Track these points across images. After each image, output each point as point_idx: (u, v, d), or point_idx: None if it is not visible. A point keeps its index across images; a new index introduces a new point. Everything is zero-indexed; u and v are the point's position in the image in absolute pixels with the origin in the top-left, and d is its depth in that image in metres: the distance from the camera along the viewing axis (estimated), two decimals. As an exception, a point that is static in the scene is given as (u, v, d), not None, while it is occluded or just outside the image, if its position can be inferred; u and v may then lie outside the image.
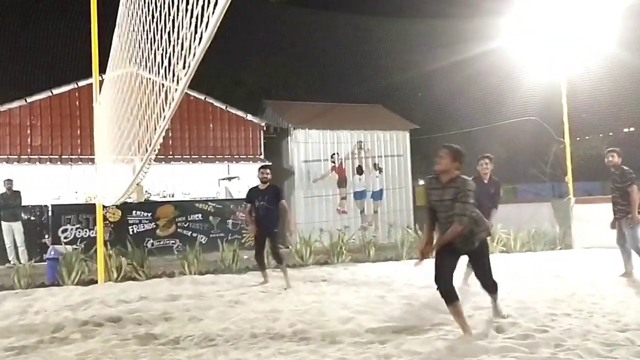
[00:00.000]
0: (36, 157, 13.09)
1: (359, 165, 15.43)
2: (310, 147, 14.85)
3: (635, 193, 7.26)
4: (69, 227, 12.24)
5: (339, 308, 6.14)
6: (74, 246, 10.00)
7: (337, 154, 15.17)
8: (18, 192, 11.66)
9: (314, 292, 7.35)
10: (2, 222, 11.58)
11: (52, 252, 9.13)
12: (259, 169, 8.52)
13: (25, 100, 13.31)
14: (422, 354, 4.27)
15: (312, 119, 15.45)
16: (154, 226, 12.93)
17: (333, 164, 15.11)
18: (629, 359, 3.99)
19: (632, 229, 7.31)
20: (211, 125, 14.67)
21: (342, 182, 15.20)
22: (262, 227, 8.07)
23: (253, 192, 8.28)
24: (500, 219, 12.37)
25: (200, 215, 13.34)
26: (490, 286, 5.23)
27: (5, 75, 19.09)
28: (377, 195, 15.53)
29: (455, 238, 4.74)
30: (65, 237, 12.08)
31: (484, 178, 7.36)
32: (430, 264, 5.03)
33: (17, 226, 11.60)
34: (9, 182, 11.61)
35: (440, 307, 5.88)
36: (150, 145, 4.21)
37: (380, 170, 15.60)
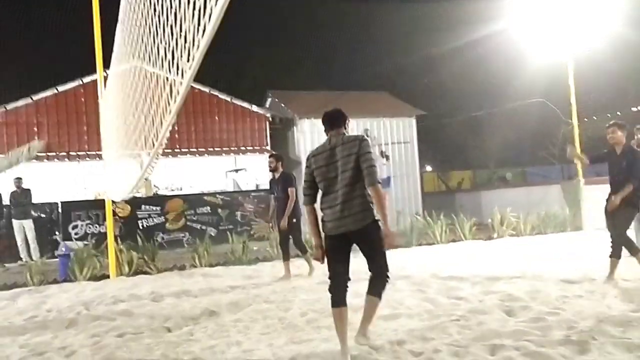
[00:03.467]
0: (44, 154, 13.15)
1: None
2: (316, 136, 14.81)
3: None
4: (79, 223, 12.32)
5: (351, 297, 6.14)
6: (85, 242, 10.08)
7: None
8: (28, 190, 11.74)
9: (324, 281, 7.35)
10: (13, 220, 11.67)
11: (64, 249, 9.20)
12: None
13: (31, 99, 13.36)
14: (435, 339, 4.28)
15: (318, 108, 15.36)
16: (164, 220, 12.99)
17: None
18: (643, 339, 3.97)
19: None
20: (217, 118, 14.67)
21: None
22: (280, 218, 7.90)
23: (271, 183, 8.26)
24: (510, 202, 12.36)
25: (208, 207, 13.38)
26: None
27: (10, 74, 19.17)
28: (385, 183, 15.48)
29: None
30: (75, 234, 12.16)
31: (616, 149, 6.59)
32: (442, 249, 5.05)
33: (28, 224, 11.68)
34: (18, 180, 11.68)
35: (451, 293, 5.91)
36: (157, 139, 4.21)
37: (388, 157, 15.54)
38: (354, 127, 15.26)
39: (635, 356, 3.66)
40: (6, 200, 11.79)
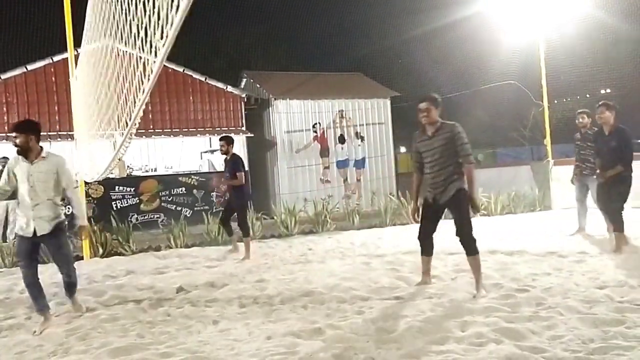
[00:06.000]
0: (14, 134, 12.80)
1: (341, 134, 15.42)
2: (291, 117, 14.78)
3: None
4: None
5: (325, 275, 6.23)
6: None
7: (319, 123, 15.12)
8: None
9: (300, 261, 7.43)
10: None
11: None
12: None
13: (0, 78, 13.02)
14: (407, 317, 4.37)
15: (293, 88, 15.33)
16: (138, 201, 12.87)
17: (315, 134, 15.09)
18: (609, 315, 4.12)
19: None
20: (191, 98, 14.49)
21: (324, 152, 15.19)
22: (229, 199, 8.44)
23: (224, 165, 8.48)
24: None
25: (183, 188, 13.29)
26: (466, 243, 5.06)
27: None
28: (360, 164, 15.57)
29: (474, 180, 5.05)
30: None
31: (605, 129, 6.73)
32: (415, 229, 5.18)
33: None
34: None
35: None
36: (130, 119, 4.17)
37: (362, 138, 15.61)
38: (329, 107, 15.28)
39: (600, 331, 3.80)
40: None
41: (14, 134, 4.85)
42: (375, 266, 6.64)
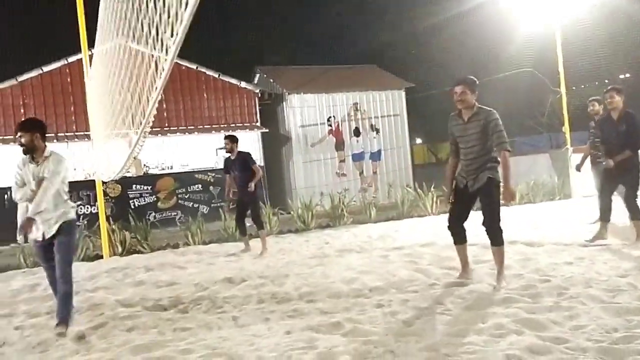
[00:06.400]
0: (18, 134, 12.88)
1: (356, 127, 15.37)
2: (306, 111, 14.75)
3: None
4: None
5: (343, 269, 6.21)
6: (77, 223, 10.02)
7: (334, 116, 15.09)
8: None
9: (317, 256, 7.42)
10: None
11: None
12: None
13: (16, 80, 13.15)
14: (426, 309, 4.34)
15: (307, 83, 15.29)
16: (155, 199, 12.96)
17: (330, 127, 15.05)
18: (632, 303, 4.05)
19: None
20: (205, 95, 14.53)
21: (339, 145, 15.16)
22: (241, 195, 8.26)
23: (226, 162, 8.49)
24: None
25: (200, 185, 13.36)
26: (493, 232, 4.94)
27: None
28: (376, 156, 15.51)
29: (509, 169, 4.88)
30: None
31: (613, 115, 6.56)
32: (433, 220, 5.12)
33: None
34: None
35: (444, 264, 5.97)
36: (144, 117, 4.18)
37: (377, 130, 15.54)
38: (344, 100, 15.22)
39: (624, 320, 3.73)
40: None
41: (18, 134, 4.80)
42: (393, 259, 6.61)
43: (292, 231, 10.13)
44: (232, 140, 8.29)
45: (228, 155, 8.42)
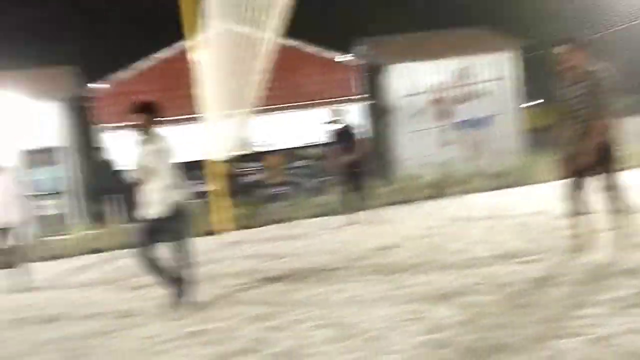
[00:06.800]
0: (133, 115, 13.64)
1: (462, 93, 14.85)
2: (408, 80, 14.48)
3: None
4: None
5: (450, 240, 6.11)
6: (189, 201, 10.58)
7: (439, 83, 14.67)
8: None
9: (423, 227, 7.35)
10: None
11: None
12: None
13: (133, 68, 14.02)
14: (540, 280, 4.17)
15: (410, 51, 14.95)
16: (263, 175, 13.40)
17: (435, 95, 14.67)
18: None
19: None
20: (307, 71, 14.68)
21: (445, 113, 14.76)
22: (347, 168, 8.35)
23: (332, 136, 8.62)
24: (631, 132, 11.43)
25: (306, 161, 13.63)
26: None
27: (109, 45, 20.15)
28: (483, 122, 14.94)
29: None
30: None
31: None
32: (545, 188, 4.86)
33: None
34: None
35: (555, 233, 5.68)
36: (251, 97, 4.33)
37: (485, 95, 14.92)
38: (449, 67, 14.72)
39: None
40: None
41: (133, 115, 4.90)
42: (503, 229, 6.39)
43: (398, 202, 10.08)
44: (336, 113, 8.38)
45: (334, 129, 8.51)
